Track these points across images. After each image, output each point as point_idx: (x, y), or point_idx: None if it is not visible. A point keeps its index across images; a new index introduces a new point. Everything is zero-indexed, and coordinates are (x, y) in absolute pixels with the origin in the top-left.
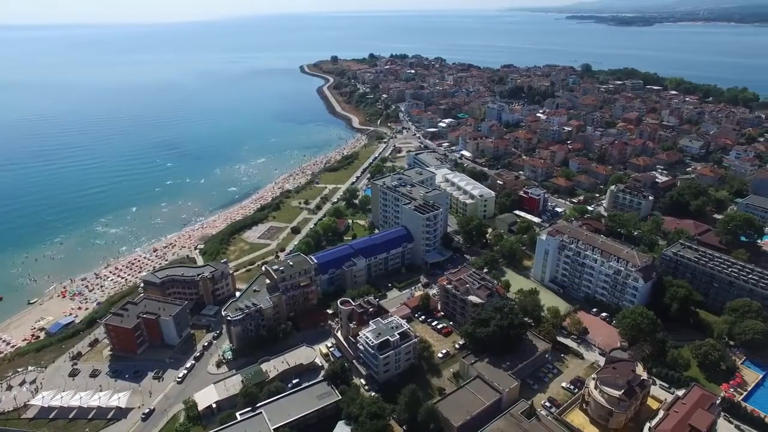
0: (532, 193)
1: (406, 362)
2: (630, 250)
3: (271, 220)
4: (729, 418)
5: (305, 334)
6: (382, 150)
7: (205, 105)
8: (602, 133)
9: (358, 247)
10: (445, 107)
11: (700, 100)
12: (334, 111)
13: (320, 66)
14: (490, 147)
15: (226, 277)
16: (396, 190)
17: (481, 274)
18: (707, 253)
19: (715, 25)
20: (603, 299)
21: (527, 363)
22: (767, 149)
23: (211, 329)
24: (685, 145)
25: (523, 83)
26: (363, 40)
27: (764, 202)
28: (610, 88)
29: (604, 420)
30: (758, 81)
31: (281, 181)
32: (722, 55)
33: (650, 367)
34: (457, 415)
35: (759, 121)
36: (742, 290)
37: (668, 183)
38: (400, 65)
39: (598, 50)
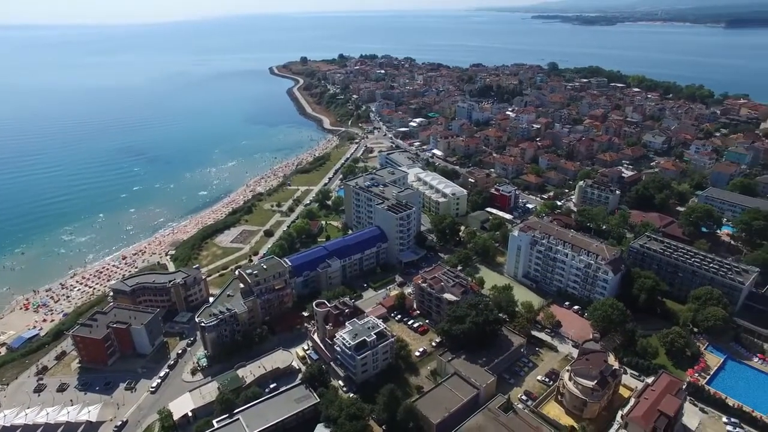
0: (504, 191)
1: (383, 362)
2: (599, 243)
3: (243, 223)
4: (694, 402)
5: (281, 337)
6: (353, 150)
7: (174, 108)
8: (570, 130)
9: (332, 249)
10: (416, 107)
11: (661, 96)
12: (304, 112)
13: (290, 67)
14: (461, 145)
15: (198, 282)
16: (369, 191)
17: (456, 272)
18: (672, 244)
19: (672, 25)
20: (575, 292)
21: (503, 358)
22: (723, 143)
23: (184, 336)
24: (648, 140)
25: (492, 82)
26: (332, 41)
27: (722, 194)
28: (576, 86)
29: (579, 410)
30: (712, 79)
31: (253, 183)
32: (679, 53)
33: (621, 356)
34: (435, 413)
35: (715, 117)
36: (704, 279)
37: (634, 177)
38: (370, 65)
39: (563, 49)
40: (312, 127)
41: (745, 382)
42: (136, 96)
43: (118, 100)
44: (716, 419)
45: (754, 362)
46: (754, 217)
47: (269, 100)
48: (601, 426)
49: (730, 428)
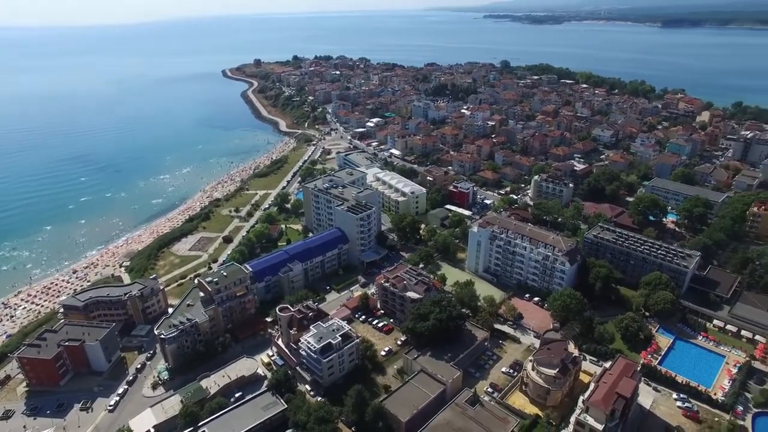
0: (462, 187)
1: (349, 364)
2: (555, 235)
3: (201, 230)
4: (648, 382)
5: (245, 345)
6: (311, 152)
7: (123, 114)
8: (523, 126)
9: (294, 252)
10: (372, 107)
11: (607, 92)
12: (260, 115)
13: (243, 70)
14: (418, 144)
15: (156, 293)
16: (328, 192)
17: (418, 270)
18: (623, 233)
19: (614, 24)
20: (534, 284)
21: (468, 352)
22: (665, 136)
23: (143, 350)
24: (597, 134)
25: (446, 81)
26: (286, 42)
27: (666, 184)
28: (528, 83)
29: (543, 398)
30: (653, 75)
31: (209, 189)
32: (622, 51)
33: (580, 344)
34: (404, 411)
35: (657, 111)
36: (654, 265)
37: (585, 170)
38: (325, 66)
39: (515, 47)
40: (268, 130)
41: (692, 359)
42: (84, 101)
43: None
44: (668, 396)
45: (699, 340)
46: (694, 204)
47: (224, 104)
48: (564, 412)
49: (679, 404)
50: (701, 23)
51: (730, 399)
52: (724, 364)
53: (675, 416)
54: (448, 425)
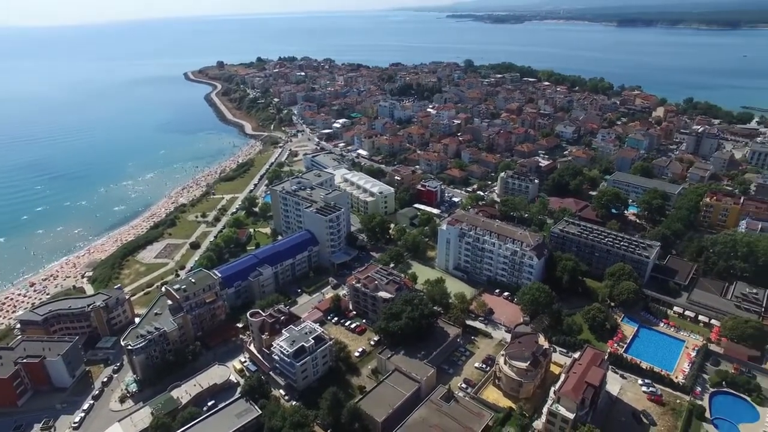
0: (429, 186)
1: (323, 366)
2: (523, 231)
3: (167, 237)
4: (615, 369)
5: (216, 352)
6: (278, 155)
7: (79, 119)
8: (489, 124)
9: (263, 256)
10: (338, 108)
11: (568, 89)
12: (224, 118)
13: (206, 72)
14: (385, 144)
15: (122, 303)
16: (296, 195)
17: (388, 270)
18: (587, 227)
19: (573, 24)
20: (504, 280)
21: (441, 349)
22: (624, 131)
23: (110, 362)
24: (560, 130)
25: (411, 80)
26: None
27: (627, 178)
28: (492, 82)
29: (515, 391)
30: (611, 72)
31: (174, 195)
32: (581, 49)
33: (550, 336)
34: (379, 410)
35: (615, 107)
36: (617, 256)
37: (550, 166)
38: (290, 68)
39: (478, 46)
40: (233, 133)
41: (655, 345)
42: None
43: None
44: (633, 382)
45: (661, 327)
46: (653, 196)
47: (186, 107)
48: (537, 404)
49: (644, 389)
50: (653, 23)
51: (690, 381)
52: (684, 349)
53: (641, 401)
54: (423, 423)
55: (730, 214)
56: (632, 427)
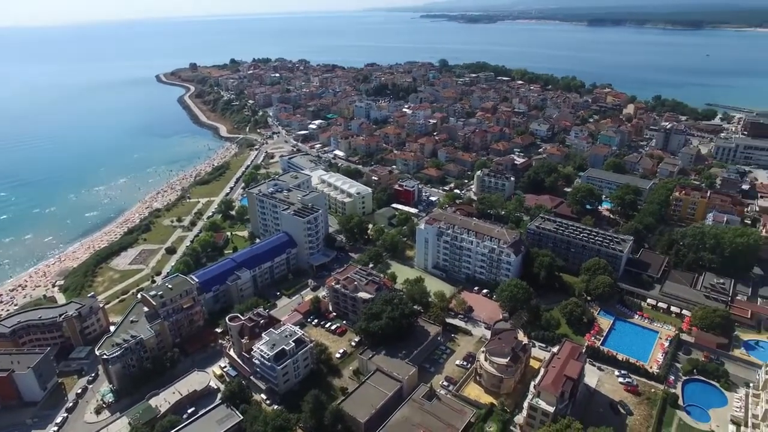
0: (407, 186)
1: (304, 369)
2: (500, 228)
3: (142, 243)
4: (592, 362)
5: (195, 358)
6: (254, 157)
7: (44, 125)
8: (464, 123)
9: (241, 260)
10: (314, 109)
11: (542, 88)
12: (198, 121)
13: (178, 74)
14: (362, 144)
15: (96, 312)
16: (273, 197)
17: (368, 270)
18: (563, 222)
19: (544, 23)
20: (482, 277)
21: (422, 348)
22: (596, 128)
23: (84, 373)
24: (534, 128)
25: (387, 80)
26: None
27: (600, 174)
28: (466, 81)
29: (496, 387)
30: (582, 70)
31: (149, 200)
32: (553, 48)
33: (529, 331)
34: (362, 411)
35: (587, 105)
36: (592, 251)
37: (525, 164)
38: (264, 69)
39: (452, 46)
40: (208, 136)
41: (630, 337)
42: None
43: None
44: (610, 374)
45: (636, 319)
46: (625, 192)
47: (159, 110)
48: (518, 399)
49: (621, 380)
50: (622, 22)
51: (664, 371)
52: (658, 339)
53: (618, 392)
54: (406, 422)
55: (698, 207)
56: (610, 417)
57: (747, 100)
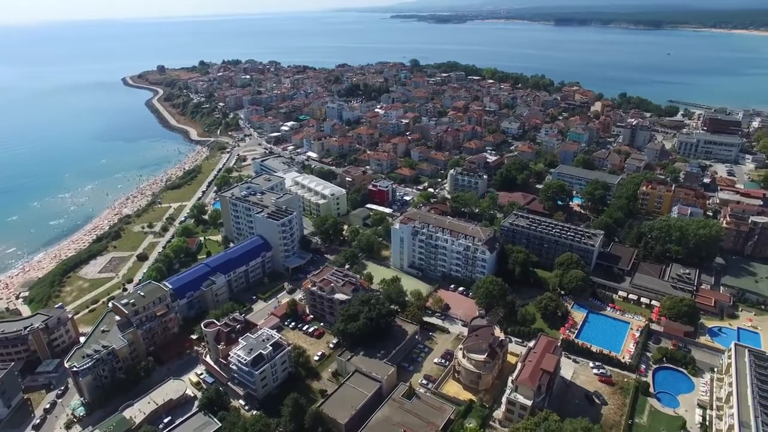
0: (381, 186)
1: (283, 372)
2: (474, 226)
3: (111, 250)
4: (567, 355)
5: (170, 366)
6: (226, 160)
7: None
8: (436, 123)
9: (215, 265)
10: (286, 110)
11: (512, 87)
12: (168, 124)
13: (146, 77)
14: (335, 145)
15: (64, 323)
16: (246, 200)
17: (344, 271)
18: (535, 219)
19: (513, 23)
20: (458, 275)
21: (400, 347)
22: (565, 126)
23: (52, 387)
24: (505, 127)
25: (358, 81)
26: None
27: (570, 170)
28: (438, 81)
29: (475, 383)
30: (550, 69)
31: (118, 206)
32: (522, 47)
33: (505, 327)
34: (342, 413)
35: (556, 103)
36: (565, 246)
37: (497, 162)
38: (234, 71)
39: (423, 46)
40: (178, 140)
41: (603, 329)
42: None
43: None
44: (585, 366)
45: (608, 311)
46: (595, 187)
47: (127, 114)
48: (496, 394)
49: (595, 371)
50: (587, 22)
51: (635, 360)
52: (629, 330)
53: (592, 383)
54: (386, 421)
55: (664, 201)
56: (586, 407)
57: (705, 97)
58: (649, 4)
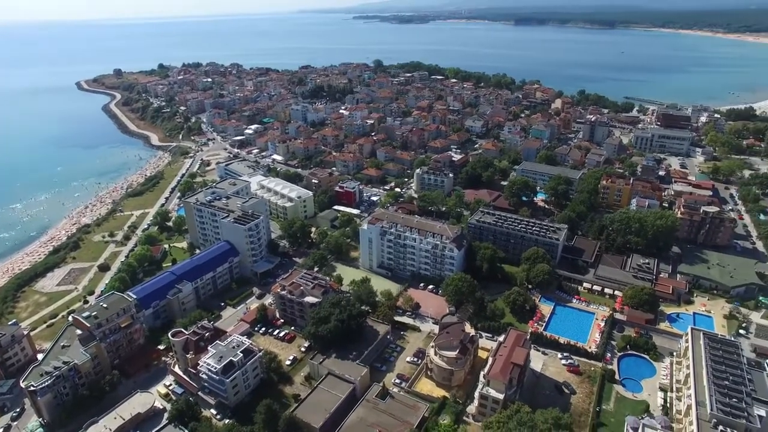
0: (347, 187)
1: (254, 379)
2: (442, 224)
3: (70, 261)
4: (537, 347)
5: (137, 378)
6: (189, 165)
7: None
8: (401, 122)
9: (181, 272)
10: (249, 113)
11: (474, 86)
12: (127, 130)
13: (102, 81)
14: (300, 148)
15: (19, 340)
16: (211, 205)
17: (313, 274)
18: (501, 215)
19: (474, 23)
20: (427, 273)
21: (372, 348)
22: (528, 123)
23: (7, 409)
24: (469, 125)
25: (322, 82)
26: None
27: (534, 167)
28: (401, 81)
29: (447, 380)
30: (512, 68)
31: (76, 215)
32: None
33: (476, 323)
34: (316, 417)
35: (518, 101)
36: (531, 241)
37: (462, 160)
38: (195, 74)
39: (386, 46)
40: (138, 145)
41: (570, 320)
42: None
43: None
44: (554, 357)
45: (574, 303)
46: (557, 183)
47: (83, 120)
48: (469, 389)
49: (563, 362)
50: (546, 22)
51: (601, 349)
52: (595, 320)
53: (561, 373)
54: (361, 422)
55: (623, 194)
56: (556, 398)
57: (658, 94)
58: (603, 5)
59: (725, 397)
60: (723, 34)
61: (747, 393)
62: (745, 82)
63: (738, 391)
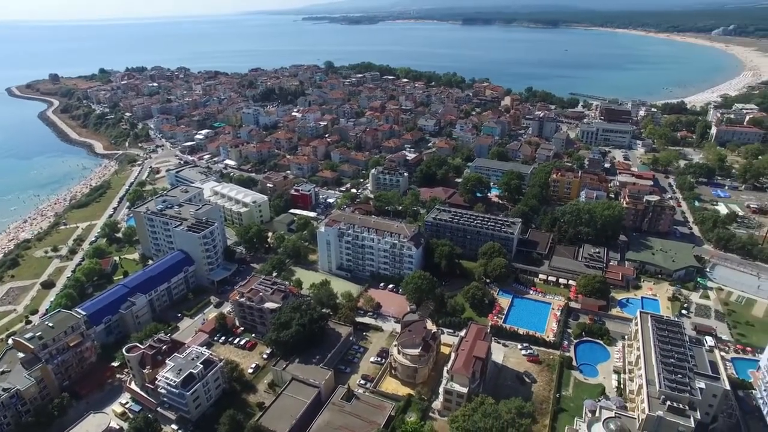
0: (303, 190)
1: (216, 390)
2: (399, 223)
3: (9, 280)
4: (497, 340)
5: (90, 399)
6: (137, 173)
7: None
8: (354, 123)
9: (134, 285)
10: (199, 118)
11: (426, 85)
12: (68, 138)
13: (36, 87)
14: (253, 152)
15: None
16: (163, 214)
17: (272, 279)
18: (457, 212)
19: (423, 23)
20: (387, 273)
21: (335, 350)
22: (479, 120)
23: None
24: (422, 124)
25: (273, 85)
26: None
27: (486, 163)
28: (353, 82)
29: (412, 378)
30: (462, 67)
31: (13, 230)
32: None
33: (437, 320)
34: (282, 424)
35: (469, 99)
36: (487, 236)
37: (417, 159)
38: (140, 79)
39: (336, 47)
40: (81, 154)
41: (528, 312)
42: None
43: None
44: (514, 348)
45: (531, 294)
46: (510, 178)
47: (16, 129)
48: (433, 385)
49: (523, 352)
50: (492, 21)
51: (558, 338)
52: (551, 310)
53: (522, 363)
54: (328, 426)
55: (573, 186)
56: (518, 388)
57: (600, 89)
58: (546, 5)
59: (671, 374)
60: (654, 34)
61: (689, 368)
62: (677, 78)
63: (682, 367)
